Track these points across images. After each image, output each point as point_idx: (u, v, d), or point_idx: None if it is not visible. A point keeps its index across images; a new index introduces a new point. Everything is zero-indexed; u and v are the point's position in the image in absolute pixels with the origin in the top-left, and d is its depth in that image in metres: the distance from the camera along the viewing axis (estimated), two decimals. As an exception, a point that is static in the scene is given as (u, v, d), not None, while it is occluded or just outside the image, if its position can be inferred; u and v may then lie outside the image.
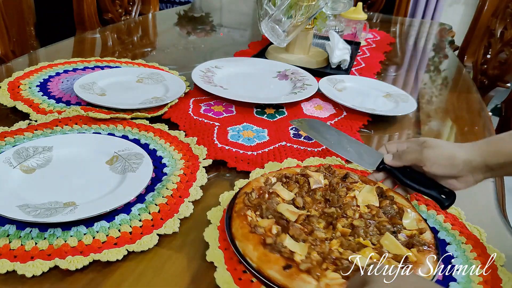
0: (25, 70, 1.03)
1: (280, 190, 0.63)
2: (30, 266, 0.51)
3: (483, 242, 0.62)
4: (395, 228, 0.58)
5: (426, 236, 0.56)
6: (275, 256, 0.50)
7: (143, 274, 0.53)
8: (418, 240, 0.55)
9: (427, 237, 0.56)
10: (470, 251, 0.60)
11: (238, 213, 0.57)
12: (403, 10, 2.33)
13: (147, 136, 0.81)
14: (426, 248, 0.54)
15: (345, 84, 1.16)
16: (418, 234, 0.57)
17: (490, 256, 0.59)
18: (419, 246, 0.54)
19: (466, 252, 0.60)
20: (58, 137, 0.76)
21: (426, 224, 0.59)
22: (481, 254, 0.59)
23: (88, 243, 0.55)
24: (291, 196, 0.63)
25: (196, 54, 1.41)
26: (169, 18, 1.87)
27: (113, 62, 1.18)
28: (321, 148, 0.84)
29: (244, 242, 0.53)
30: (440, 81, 1.41)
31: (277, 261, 0.50)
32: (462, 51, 1.85)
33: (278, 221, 0.57)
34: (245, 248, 0.52)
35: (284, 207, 0.59)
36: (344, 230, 0.57)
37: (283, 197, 0.62)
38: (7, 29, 1.27)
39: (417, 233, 0.57)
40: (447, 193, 0.64)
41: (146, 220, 0.60)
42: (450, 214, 0.68)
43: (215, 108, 0.97)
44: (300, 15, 1.13)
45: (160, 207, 0.63)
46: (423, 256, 0.53)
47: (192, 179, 0.70)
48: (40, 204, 0.59)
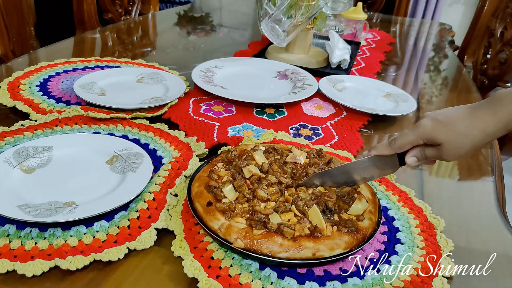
0: (25, 70, 1.03)
1: (256, 154, 0.70)
2: (30, 266, 0.51)
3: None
4: (333, 207, 0.60)
5: (362, 223, 0.59)
6: (208, 195, 0.60)
7: (143, 273, 0.53)
8: (348, 223, 0.58)
9: (362, 224, 0.59)
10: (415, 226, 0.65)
11: (209, 164, 0.68)
12: (403, 10, 2.33)
13: (147, 136, 0.81)
14: (349, 230, 0.57)
15: (345, 84, 1.16)
16: (355, 220, 0.59)
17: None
18: (343, 227, 0.57)
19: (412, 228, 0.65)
20: (58, 137, 0.76)
21: (375, 219, 0.61)
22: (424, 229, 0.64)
23: (88, 243, 0.55)
24: (262, 161, 0.69)
25: (196, 54, 1.41)
26: (169, 18, 1.87)
27: (113, 62, 1.17)
28: (321, 148, 0.84)
29: (195, 182, 0.64)
30: (440, 81, 1.41)
31: (207, 198, 0.60)
32: (462, 51, 1.85)
33: (234, 175, 0.65)
34: (193, 185, 0.63)
35: (248, 167, 0.66)
36: (287, 197, 0.62)
37: (257, 161, 0.69)
38: (7, 29, 1.27)
39: (354, 218, 0.60)
40: None
41: (142, 209, 0.61)
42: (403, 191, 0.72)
43: (215, 108, 0.97)
44: (300, 15, 1.13)
45: (154, 194, 0.64)
46: (339, 235, 0.56)
47: (183, 167, 0.71)
48: (40, 204, 0.59)
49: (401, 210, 0.68)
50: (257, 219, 0.57)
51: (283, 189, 0.64)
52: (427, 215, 0.67)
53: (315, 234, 0.55)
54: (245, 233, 0.55)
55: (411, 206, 0.69)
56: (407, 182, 0.76)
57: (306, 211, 0.59)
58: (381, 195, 0.71)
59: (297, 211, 0.60)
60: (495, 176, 0.84)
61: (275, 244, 0.53)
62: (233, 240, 0.54)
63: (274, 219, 0.57)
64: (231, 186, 0.62)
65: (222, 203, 0.59)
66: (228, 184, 0.63)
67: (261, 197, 0.61)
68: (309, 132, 0.91)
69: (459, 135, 0.56)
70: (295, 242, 0.54)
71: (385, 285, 0.53)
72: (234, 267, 0.54)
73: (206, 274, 0.52)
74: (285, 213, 0.59)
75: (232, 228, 0.55)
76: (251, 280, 0.52)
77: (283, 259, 0.53)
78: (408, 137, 0.59)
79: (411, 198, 0.71)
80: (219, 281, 0.51)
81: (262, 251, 0.53)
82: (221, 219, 0.57)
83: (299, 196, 0.62)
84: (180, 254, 0.55)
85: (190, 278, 0.52)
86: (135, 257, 0.55)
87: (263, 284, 0.52)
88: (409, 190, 0.72)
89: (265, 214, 0.58)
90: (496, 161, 0.90)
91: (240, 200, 0.61)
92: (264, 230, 0.55)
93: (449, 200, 0.76)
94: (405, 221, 0.65)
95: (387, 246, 0.60)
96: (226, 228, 0.56)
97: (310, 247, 0.54)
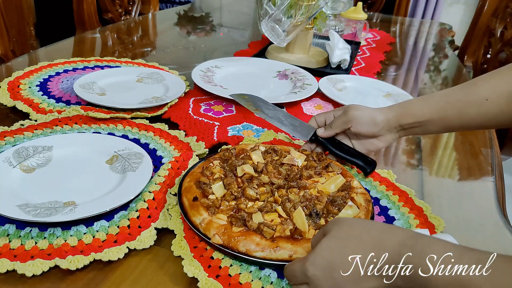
0: (25, 70, 1.03)
1: (254, 154, 0.70)
2: (30, 265, 0.51)
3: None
4: (321, 211, 0.60)
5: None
6: (196, 190, 0.61)
7: (143, 273, 0.53)
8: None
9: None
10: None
11: (205, 161, 0.69)
12: (403, 10, 2.33)
13: (147, 136, 0.81)
14: None
15: (345, 84, 1.16)
16: None
17: None
18: None
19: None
20: (58, 136, 0.76)
21: None
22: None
23: (88, 242, 0.55)
24: (258, 160, 0.69)
25: (196, 53, 1.41)
26: (169, 18, 1.87)
27: (113, 62, 1.17)
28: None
29: (187, 177, 0.65)
30: (440, 81, 1.41)
31: (194, 193, 0.61)
32: (462, 51, 1.85)
33: (227, 173, 0.66)
34: (185, 180, 0.65)
35: (242, 166, 0.66)
36: (276, 198, 0.62)
37: (253, 161, 0.69)
38: (7, 29, 1.27)
39: None
40: (369, 162, 0.74)
41: (142, 209, 0.61)
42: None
43: (215, 107, 0.97)
44: (300, 14, 1.13)
45: (154, 194, 0.64)
46: None
47: (183, 167, 0.71)
48: (40, 203, 0.59)
49: (401, 210, 0.68)
50: (239, 216, 0.57)
51: (274, 189, 0.64)
52: (427, 215, 0.67)
53: (295, 236, 0.55)
54: (224, 229, 0.55)
55: (411, 206, 0.69)
56: (407, 182, 0.76)
57: (291, 213, 0.59)
58: (381, 195, 0.71)
59: (282, 212, 0.59)
60: (495, 176, 0.84)
61: (252, 243, 0.54)
62: (212, 235, 0.55)
63: (256, 219, 0.57)
64: (221, 183, 0.63)
65: (207, 199, 0.60)
66: (218, 181, 0.63)
67: (249, 196, 0.61)
68: (309, 132, 0.91)
69: (363, 110, 0.73)
70: (273, 242, 0.54)
71: None
72: (234, 267, 0.54)
73: (206, 274, 0.52)
74: (270, 213, 0.59)
75: (212, 224, 0.56)
76: (251, 279, 0.52)
77: (259, 259, 0.53)
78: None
79: (412, 198, 0.71)
80: (219, 281, 0.51)
81: (239, 249, 0.53)
82: (204, 214, 0.57)
83: (288, 198, 0.62)
84: (180, 254, 0.55)
85: (190, 278, 0.52)
86: (135, 257, 0.55)
87: (263, 284, 0.52)
88: (410, 190, 0.72)
89: (249, 212, 0.58)
90: (496, 161, 0.90)
91: (227, 197, 0.61)
92: (243, 228, 0.56)
93: (449, 200, 0.76)
94: (405, 221, 0.65)
95: None
96: (207, 223, 0.56)
97: (288, 248, 0.53)
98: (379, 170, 0.78)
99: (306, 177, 0.67)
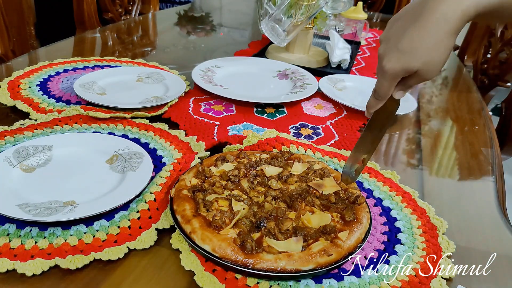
0: (25, 70, 1.03)
1: (265, 167, 0.70)
2: (30, 265, 0.51)
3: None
4: (263, 227, 0.59)
5: (341, 234, 0.56)
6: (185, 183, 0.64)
7: (143, 273, 0.53)
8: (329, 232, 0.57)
9: (341, 235, 0.56)
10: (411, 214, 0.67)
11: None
12: (403, 9, 2.32)
13: (147, 135, 0.81)
14: None
15: (345, 84, 1.16)
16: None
17: None
18: (325, 235, 0.57)
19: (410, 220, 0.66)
20: (58, 136, 0.76)
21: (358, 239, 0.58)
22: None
23: (88, 242, 0.55)
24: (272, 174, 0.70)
25: (196, 53, 1.41)
26: (169, 17, 1.87)
27: (113, 62, 1.17)
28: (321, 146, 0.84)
29: (184, 174, 0.67)
30: (440, 80, 1.41)
31: (187, 185, 0.63)
32: (462, 51, 1.85)
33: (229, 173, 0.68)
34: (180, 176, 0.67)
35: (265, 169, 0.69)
36: (259, 190, 0.65)
37: (265, 173, 0.69)
38: (7, 29, 1.27)
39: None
40: None
41: (143, 210, 0.61)
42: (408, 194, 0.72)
43: (215, 107, 0.97)
44: (300, 14, 1.13)
45: (156, 195, 0.64)
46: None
47: (185, 169, 0.71)
48: (40, 203, 0.59)
49: (404, 211, 0.67)
50: (228, 214, 0.59)
51: (267, 193, 0.64)
52: (430, 216, 0.66)
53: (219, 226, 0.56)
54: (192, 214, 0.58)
55: (414, 207, 0.68)
56: (407, 182, 0.76)
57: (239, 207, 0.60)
58: (384, 196, 0.71)
59: (237, 203, 0.61)
60: (496, 175, 0.84)
61: (189, 226, 0.56)
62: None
63: (210, 197, 0.61)
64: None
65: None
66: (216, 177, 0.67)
67: (242, 188, 0.65)
68: (309, 132, 0.91)
69: (430, 53, 0.56)
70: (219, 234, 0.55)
71: (382, 285, 0.53)
72: None
73: (203, 268, 0.53)
74: (225, 201, 0.61)
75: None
76: None
77: (205, 251, 0.53)
78: (385, 86, 0.58)
79: (415, 199, 0.70)
80: (215, 275, 0.52)
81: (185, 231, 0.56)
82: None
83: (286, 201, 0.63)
84: (178, 247, 0.56)
85: (190, 277, 0.52)
86: (135, 257, 0.55)
87: (258, 279, 0.52)
88: (413, 191, 0.72)
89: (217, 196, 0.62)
90: (496, 160, 0.90)
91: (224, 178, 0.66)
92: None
93: (449, 199, 0.76)
94: (407, 222, 0.65)
95: (387, 246, 0.60)
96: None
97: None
98: (383, 170, 0.78)
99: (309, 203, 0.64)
